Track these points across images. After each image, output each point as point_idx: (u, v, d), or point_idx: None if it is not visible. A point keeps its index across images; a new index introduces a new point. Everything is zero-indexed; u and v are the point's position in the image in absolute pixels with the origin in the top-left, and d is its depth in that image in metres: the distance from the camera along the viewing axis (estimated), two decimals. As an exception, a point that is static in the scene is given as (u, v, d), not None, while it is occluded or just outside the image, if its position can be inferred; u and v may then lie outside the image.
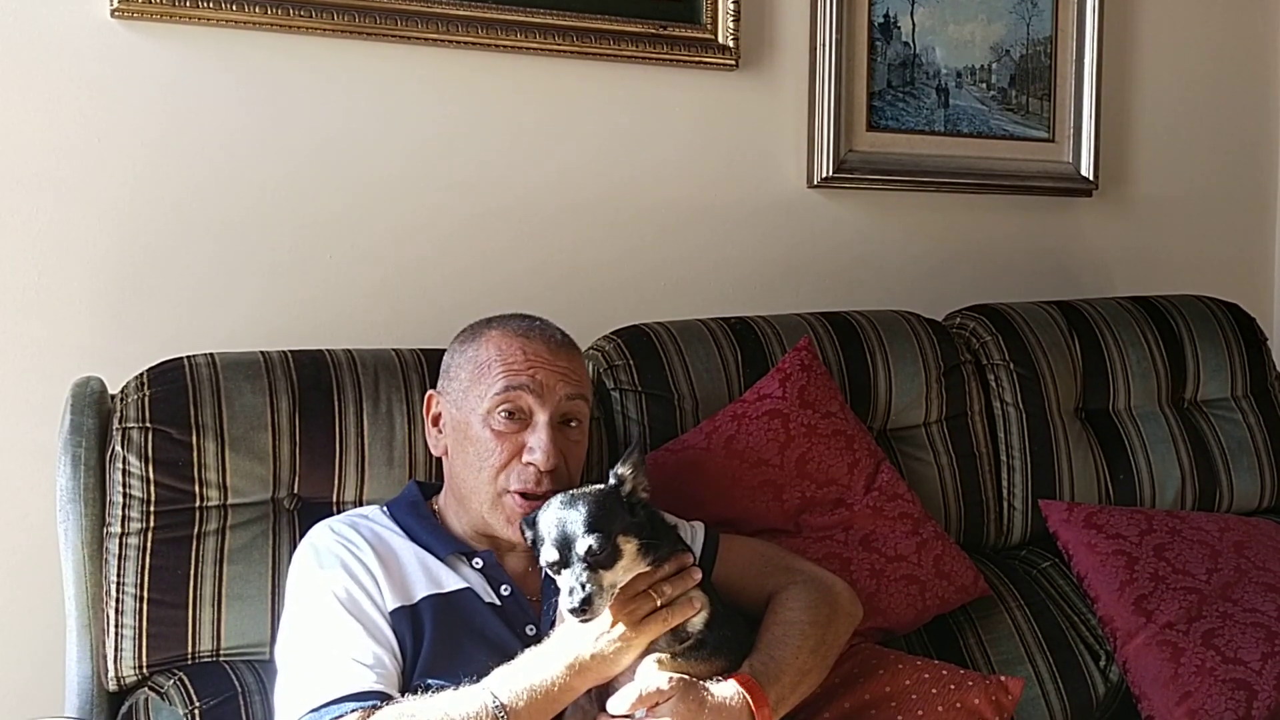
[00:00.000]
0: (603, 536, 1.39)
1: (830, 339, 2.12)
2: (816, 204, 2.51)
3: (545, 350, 1.59)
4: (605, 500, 1.44)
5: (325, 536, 1.56)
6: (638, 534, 1.44)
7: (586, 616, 1.37)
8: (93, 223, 1.93)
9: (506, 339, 1.60)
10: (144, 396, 1.67)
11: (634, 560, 1.43)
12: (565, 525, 1.40)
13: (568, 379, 1.58)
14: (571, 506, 1.42)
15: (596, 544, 1.38)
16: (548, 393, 1.56)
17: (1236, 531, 2.17)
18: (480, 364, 1.59)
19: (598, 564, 1.38)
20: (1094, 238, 2.83)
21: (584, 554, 1.38)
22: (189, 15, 1.94)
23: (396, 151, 2.13)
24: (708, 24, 2.33)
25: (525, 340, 1.59)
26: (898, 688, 1.66)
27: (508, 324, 1.62)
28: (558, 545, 1.40)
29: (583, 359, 1.67)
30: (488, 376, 1.57)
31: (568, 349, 1.63)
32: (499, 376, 1.56)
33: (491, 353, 1.59)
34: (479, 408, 1.56)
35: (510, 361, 1.57)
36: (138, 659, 1.62)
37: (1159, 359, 2.36)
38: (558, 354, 1.60)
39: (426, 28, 2.10)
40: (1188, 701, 1.91)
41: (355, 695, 1.38)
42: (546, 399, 1.56)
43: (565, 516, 1.41)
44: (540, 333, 1.61)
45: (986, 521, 2.20)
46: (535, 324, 1.63)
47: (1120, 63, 2.81)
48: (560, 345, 1.62)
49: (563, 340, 1.63)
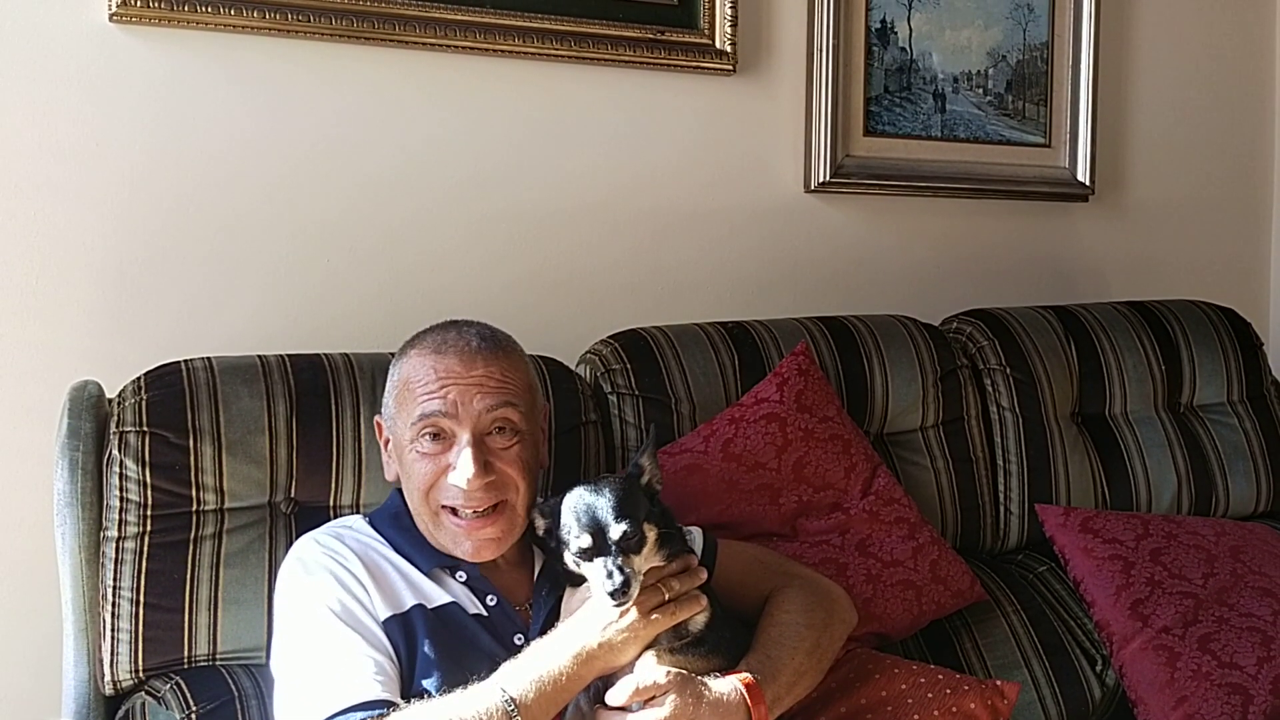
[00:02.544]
0: (634, 522, 1.41)
1: (827, 343, 2.12)
2: (813, 209, 2.51)
3: (458, 364, 1.53)
4: (631, 488, 1.46)
5: (311, 550, 1.54)
6: (658, 524, 1.46)
7: (623, 601, 1.38)
8: (91, 226, 1.93)
9: (420, 359, 1.55)
10: (141, 400, 1.67)
11: (653, 550, 1.45)
12: (597, 511, 1.42)
13: (485, 389, 1.52)
14: (599, 494, 1.43)
15: (630, 529, 1.40)
16: (463, 411, 1.51)
17: (1232, 536, 2.17)
18: (400, 389, 1.56)
19: (629, 550, 1.40)
20: (1090, 243, 2.83)
21: (619, 539, 1.40)
22: (187, 19, 1.94)
23: (394, 156, 2.14)
24: (705, 29, 2.34)
25: (437, 358, 1.54)
26: (893, 692, 1.66)
27: (424, 341, 1.57)
28: (591, 531, 1.41)
29: (510, 357, 1.58)
30: (407, 404, 1.54)
31: (486, 354, 1.55)
32: (415, 404, 1.52)
33: (406, 375, 1.55)
34: (406, 435, 1.54)
35: (424, 383, 1.52)
36: (134, 663, 1.62)
37: (1155, 364, 2.36)
38: (472, 364, 1.53)
39: (424, 32, 2.10)
40: (1183, 706, 1.91)
41: (363, 704, 1.38)
42: (463, 418, 1.50)
43: (596, 503, 1.43)
44: (454, 345, 1.55)
45: (983, 526, 2.20)
46: (449, 335, 1.57)
47: (1116, 68, 2.82)
48: (476, 353, 1.54)
49: (479, 347, 1.55)
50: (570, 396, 1.91)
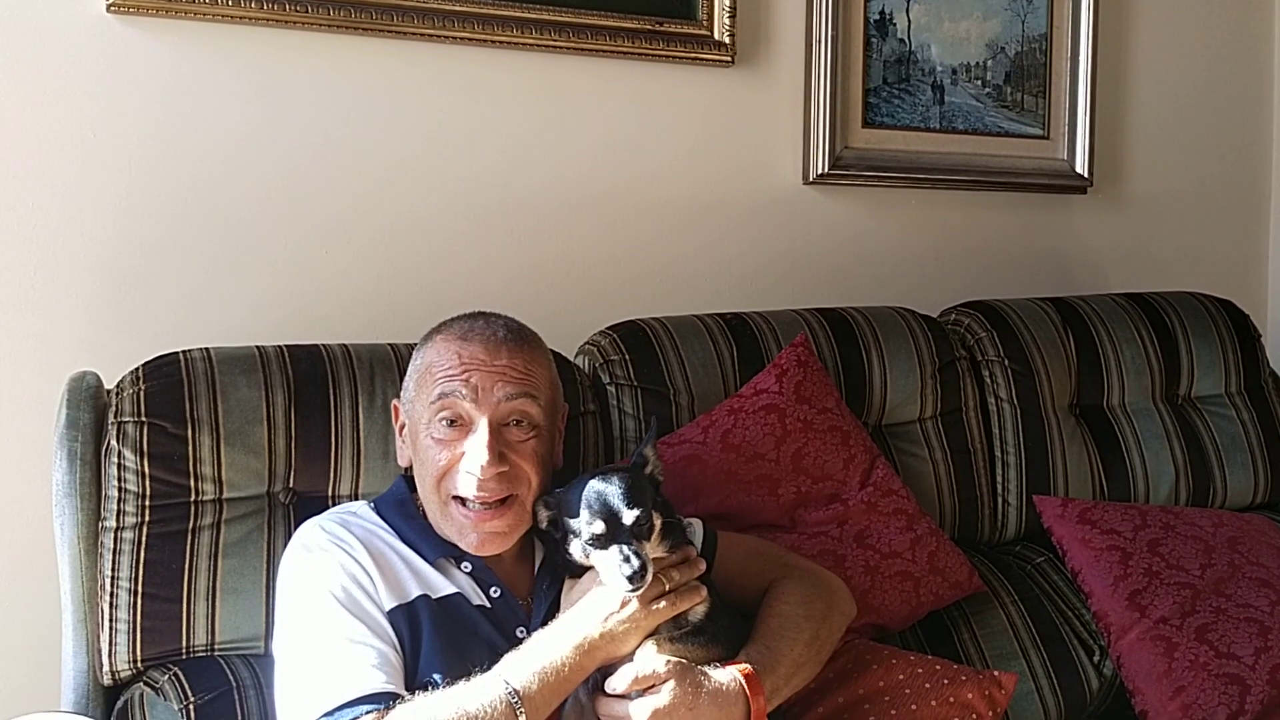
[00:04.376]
0: (645, 511, 1.43)
1: (826, 335, 2.12)
2: (812, 200, 2.51)
3: (482, 351, 1.53)
4: (639, 477, 1.49)
5: (317, 536, 1.53)
6: (662, 513, 1.48)
7: (639, 586, 1.39)
8: (90, 218, 1.92)
9: (445, 344, 1.55)
10: (139, 391, 1.67)
11: (658, 539, 1.46)
12: (609, 498, 1.43)
13: (507, 378, 1.52)
14: (609, 482, 1.45)
15: (643, 515, 1.42)
16: (484, 396, 1.50)
17: (1230, 527, 2.17)
18: (422, 372, 1.56)
19: (641, 536, 1.42)
20: (1089, 234, 2.83)
21: (632, 525, 1.41)
22: (186, 10, 1.94)
23: (393, 148, 2.13)
24: (704, 20, 2.34)
25: (462, 344, 1.54)
26: (891, 682, 1.66)
27: (451, 328, 1.58)
28: (604, 517, 1.42)
29: (535, 351, 1.59)
30: (427, 385, 1.54)
31: (511, 345, 1.55)
32: (435, 384, 1.52)
33: (430, 360, 1.55)
34: (423, 417, 1.54)
35: (446, 368, 1.52)
36: (132, 653, 1.62)
37: (1153, 355, 2.37)
38: (496, 353, 1.53)
39: (423, 23, 2.10)
40: (1181, 696, 1.92)
41: (368, 697, 1.37)
42: (483, 403, 1.50)
43: (607, 490, 1.44)
44: (480, 333, 1.55)
45: (981, 517, 2.20)
46: (477, 324, 1.57)
47: (1115, 60, 2.81)
48: (502, 343, 1.55)
49: (504, 337, 1.56)
50: (569, 387, 1.89)
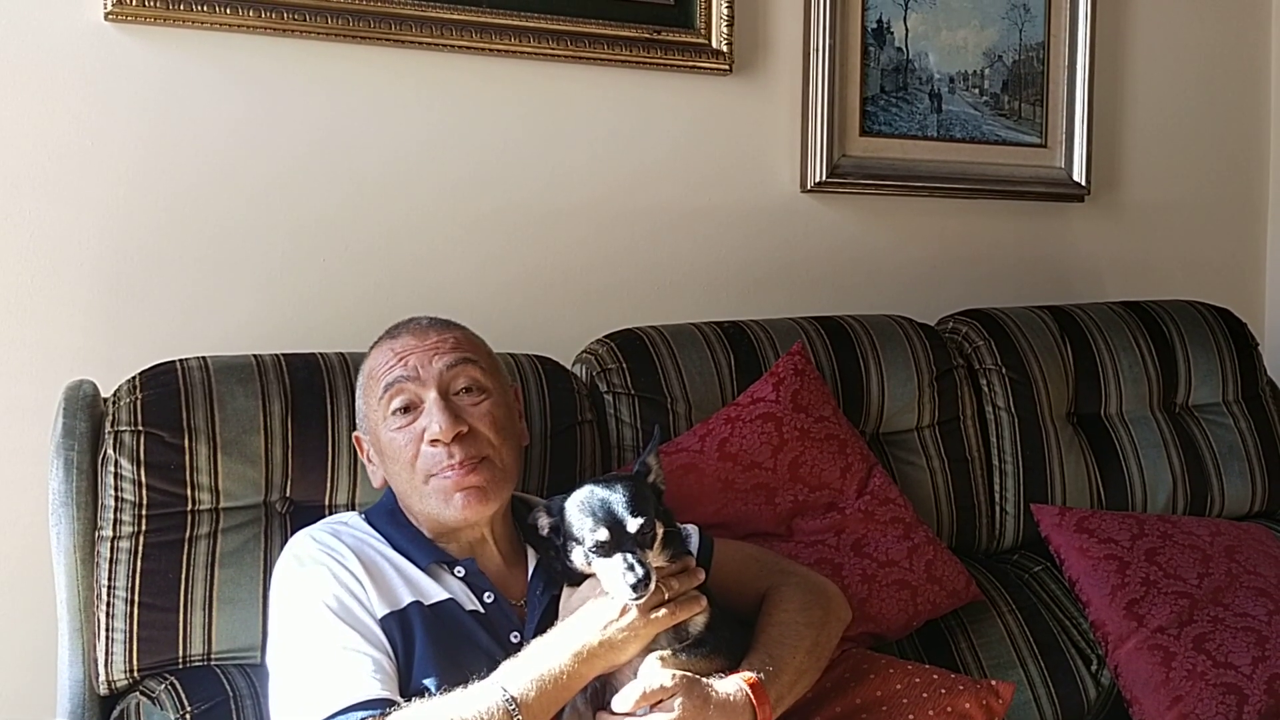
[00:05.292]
0: (649, 519, 1.42)
1: (823, 343, 2.12)
2: (810, 208, 2.51)
3: (411, 338, 1.60)
4: (642, 485, 1.48)
5: (308, 546, 1.54)
6: (664, 522, 1.47)
7: (644, 595, 1.39)
8: (86, 225, 1.92)
9: (377, 350, 1.62)
10: (136, 400, 1.67)
11: (660, 548, 1.46)
12: (613, 506, 1.43)
13: (440, 351, 1.58)
14: (613, 490, 1.45)
15: (647, 524, 1.42)
16: (425, 373, 1.56)
17: (1227, 536, 2.17)
18: (365, 384, 1.62)
19: (645, 544, 1.42)
20: (1086, 243, 2.83)
21: (636, 533, 1.41)
22: (183, 18, 1.94)
23: (389, 155, 2.13)
24: (701, 29, 2.34)
25: (392, 341, 1.61)
26: (888, 692, 1.66)
27: (380, 338, 1.65)
28: (608, 525, 1.42)
29: (463, 329, 1.65)
30: (373, 389, 1.59)
31: (439, 326, 1.63)
32: (379, 383, 1.58)
33: (369, 367, 1.62)
34: (379, 417, 1.58)
35: (384, 365, 1.58)
36: (129, 663, 1.62)
37: (1150, 364, 2.37)
38: (425, 335, 1.60)
39: (420, 32, 2.10)
40: (1179, 706, 1.91)
41: (363, 703, 1.37)
42: (426, 379, 1.56)
43: (611, 498, 1.44)
44: (405, 326, 1.63)
45: (978, 526, 2.20)
46: (402, 323, 1.64)
47: (1112, 69, 2.82)
48: (429, 327, 1.62)
49: (429, 323, 1.63)
50: (566, 396, 1.91)
